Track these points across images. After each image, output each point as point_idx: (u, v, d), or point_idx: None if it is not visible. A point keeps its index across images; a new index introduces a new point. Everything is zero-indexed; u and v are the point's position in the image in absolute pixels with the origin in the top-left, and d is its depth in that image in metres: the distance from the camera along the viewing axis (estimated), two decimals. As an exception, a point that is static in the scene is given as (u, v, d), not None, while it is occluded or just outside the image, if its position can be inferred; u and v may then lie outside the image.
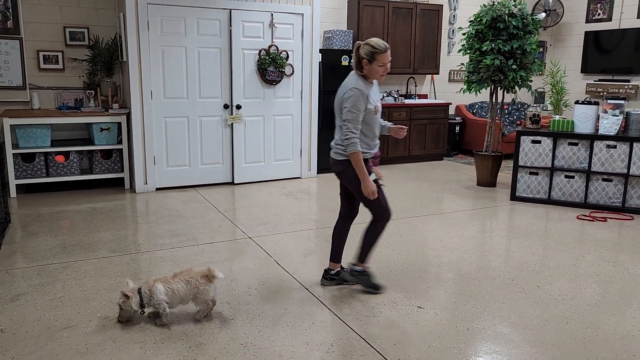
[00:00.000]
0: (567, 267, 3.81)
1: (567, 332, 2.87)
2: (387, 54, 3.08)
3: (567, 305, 3.19)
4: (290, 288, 3.43)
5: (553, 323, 2.97)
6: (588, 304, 3.23)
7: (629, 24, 8.02)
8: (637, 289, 3.46)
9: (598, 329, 2.91)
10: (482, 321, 2.99)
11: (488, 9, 5.86)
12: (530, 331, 2.88)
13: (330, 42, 7.10)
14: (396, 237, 4.46)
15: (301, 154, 6.68)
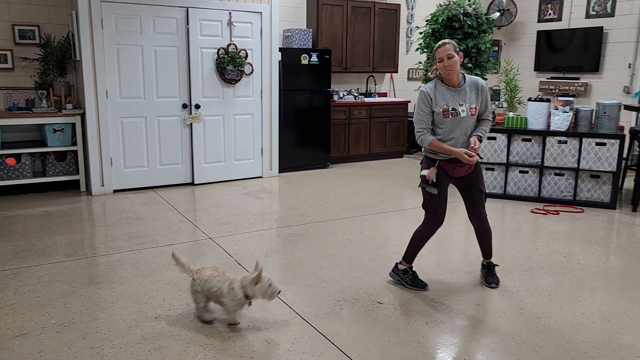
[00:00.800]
0: (522, 260, 3.93)
1: (521, 322, 2.96)
2: (443, 48, 3.13)
3: (521, 296, 3.30)
4: (251, 288, 3.41)
5: (508, 314, 3.06)
6: (541, 294, 3.34)
7: (578, 24, 8.33)
8: (587, 279, 3.60)
9: (550, 318, 3.01)
10: (440, 315, 3.05)
11: (444, 8, 5.98)
12: (486, 323, 2.96)
13: (289, 41, 7.09)
14: (357, 234, 4.50)
15: (262, 153, 6.65)
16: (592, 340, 2.76)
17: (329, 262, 3.86)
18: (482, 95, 3.25)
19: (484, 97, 3.26)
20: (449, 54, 3.11)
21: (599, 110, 5.30)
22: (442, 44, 3.15)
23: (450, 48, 3.12)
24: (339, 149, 7.59)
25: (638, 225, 4.83)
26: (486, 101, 3.27)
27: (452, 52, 3.12)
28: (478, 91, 3.23)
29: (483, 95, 3.25)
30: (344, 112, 7.53)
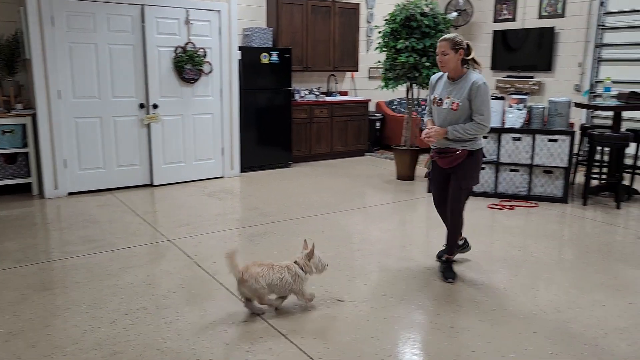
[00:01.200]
0: (479, 254, 4.02)
1: (476, 315, 3.03)
2: (440, 44, 3.32)
3: (477, 290, 3.37)
4: (211, 289, 3.37)
5: (464, 308, 3.12)
6: (496, 287, 3.42)
7: (531, 24, 8.57)
8: (540, 271, 3.71)
9: (504, 310, 3.09)
10: (399, 310, 3.09)
11: (401, 8, 6.05)
12: (443, 317, 3.01)
13: (249, 39, 7.04)
14: (318, 232, 4.51)
15: (223, 153, 6.58)
16: (544, 330, 2.85)
17: (289, 261, 3.85)
18: (472, 93, 3.28)
19: (474, 96, 3.28)
20: (443, 51, 3.29)
21: (550, 107, 5.47)
22: (442, 39, 3.32)
23: (446, 45, 3.27)
24: (301, 148, 7.58)
25: (588, 218, 5.01)
26: (479, 102, 3.28)
27: (448, 49, 3.27)
28: (470, 89, 3.28)
29: (473, 94, 3.28)
30: (306, 111, 7.54)
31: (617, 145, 5.36)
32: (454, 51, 3.27)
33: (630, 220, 4.98)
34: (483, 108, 3.29)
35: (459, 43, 3.30)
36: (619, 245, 4.27)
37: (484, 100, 3.29)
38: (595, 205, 5.47)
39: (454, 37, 3.32)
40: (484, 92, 3.29)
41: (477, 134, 3.33)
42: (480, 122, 3.29)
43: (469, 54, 3.35)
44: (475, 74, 3.36)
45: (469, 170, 3.44)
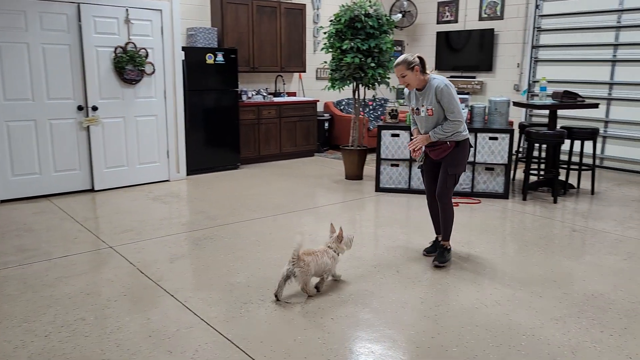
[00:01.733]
0: (420, 253, 4.08)
1: (421, 311, 3.08)
2: (395, 69, 3.63)
3: (422, 286, 3.43)
4: (154, 296, 3.28)
5: (409, 304, 3.17)
6: (440, 283, 3.50)
7: (472, 26, 8.84)
8: (483, 266, 3.82)
9: (448, 305, 3.16)
10: (345, 309, 3.10)
11: (346, 9, 6.09)
12: (389, 314, 3.04)
13: (193, 39, 6.91)
14: (265, 234, 4.47)
15: (168, 156, 6.43)
16: (485, 323, 2.93)
17: (236, 264, 3.80)
18: (438, 97, 3.59)
19: (440, 99, 3.58)
20: (401, 74, 3.60)
21: (490, 106, 5.65)
22: (395, 65, 3.63)
23: (402, 68, 3.58)
24: (250, 149, 7.51)
25: (528, 213, 5.20)
26: (447, 102, 3.57)
27: (404, 71, 3.57)
28: (435, 94, 3.59)
29: (439, 97, 3.58)
30: (253, 112, 7.47)
31: (553, 142, 5.59)
32: (411, 70, 3.57)
33: (567, 213, 5.20)
34: (451, 106, 3.59)
35: (412, 62, 3.57)
36: (556, 238, 4.45)
37: (450, 100, 3.58)
38: (535, 200, 5.69)
39: (405, 59, 3.58)
40: (447, 93, 3.57)
41: (455, 130, 3.64)
42: (453, 119, 3.60)
43: (425, 66, 3.64)
44: (436, 79, 3.64)
45: (456, 159, 3.74)
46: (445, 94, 3.56)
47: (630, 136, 7.15)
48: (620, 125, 7.26)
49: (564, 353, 2.64)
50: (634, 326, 2.91)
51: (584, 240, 4.39)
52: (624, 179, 6.80)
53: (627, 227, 4.73)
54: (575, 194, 6.00)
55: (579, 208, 5.40)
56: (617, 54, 7.20)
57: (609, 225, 4.79)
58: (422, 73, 3.61)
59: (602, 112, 7.36)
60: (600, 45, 7.34)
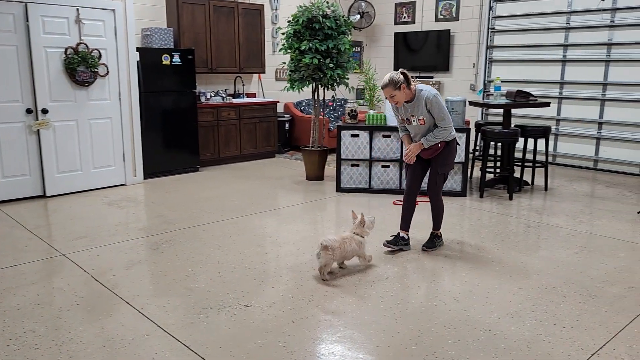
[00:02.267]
0: (382, 252, 4.11)
1: (381, 310, 3.10)
2: (384, 91, 3.79)
3: (382, 285, 3.45)
4: (109, 304, 3.18)
5: (369, 304, 3.18)
6: (400, 281, 3.52)
7: (429, 27, 8.98)
8: (441, 263, 3.87)
9: (407, 303, 3.19)
10: (306, 312, 3.08)
11: (304, 10, 6.08)
12: (349, 314, 3.05)
13: (149, 40, 6.76)
14: (226, 237, 4.41)
15: (124, 160, 6.26)
16: (444, 320, 2.97)
17: (195, 269, 3.73)
18: (428, 107, 3.79)
19: (430, 108, 3.79)
20: (390, 94, 3.77)
21: (447, 106, 5.74)
22: (383, 87, 3.78)
23: (389, 90, 3.74)
24: (209, 152, 7.41)
25: (485, 210, 5.31)
26: (437, 112, 3.79)
27: (392, 91, 3.74)
28: (425, 104, 3.80)
29: (429, 107, 3.79)
30: (212, 114, 7.37)
31: (508, 140, 5.74)
32: (398, 89, 3.75)
33: (522, 210, 5.34)
34: (441, 114, 3.82)
35: (398, 81, 3.73)
36: (511, 234, 4.57)
37: (439, 109, 3.80)
38: (491, 197, 5.82)
39: (391, 80, 3.73)
40: (436, 103, 3.79)
41: (446, 136, 3.88)
42: (444, 126, 3.85)
43: (409, 80, 3.79)
44: (424, 90, 3.81)
45: (446, 158, 3.97)
46: (434, 104, 3.78)
47: (580, 133, 7.41)
48: (571, 123, 7.52)
49: (519, 347, 2.70)
50: (585, 318, 3.01)
51: (538, 236, 4.51)
52: (575, 175, 7.04)
53: (579, 222, 4.90)
54: (530, 190, 6.17)
55: (534, 204, 5.56)
56: (566, 54, 7.45)
57: (561, 220, 4.94)
58: (408, 88, 3.78)
59: (554, 111, 7.60)
60: (551, 46, 7.58)
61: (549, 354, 2.63)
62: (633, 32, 6.81)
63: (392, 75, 3.74)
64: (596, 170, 7.32)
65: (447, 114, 3.86)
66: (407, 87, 3.77)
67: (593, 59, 7.17)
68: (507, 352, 2.65)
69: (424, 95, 3.79)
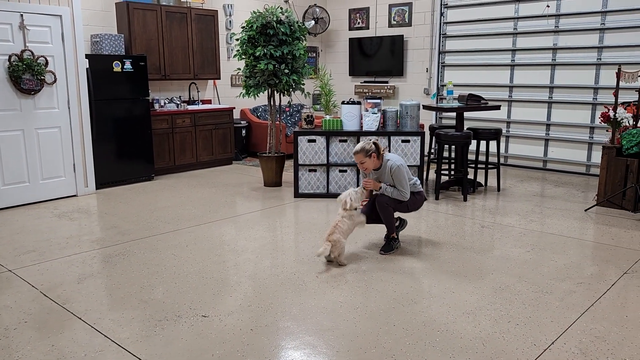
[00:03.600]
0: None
1: (340, 315, 3.10)
2: (355, 157, 4.03)
3: (341, 290, 3.46)
4: (59, 321, 3.06)
5: (328, 309, 3.18)
6: (359, 285, 3.54)
7: (383, 32, 9.12)
8: (399, 266, 3.91)
9: (366, 307, 3.21)
10: (265, 319, 3.05)
11: (258, 15, 6.06)
12: (308, 320, 3.04)
13: (99, 46, 6.58)
14: (182, 247, 4.33)
15: (75, 170, 6.06)
16: (402, 322, 3.00)
17: (150, 281, 3.64)
18: (392, 176, 4.02)
19: (393, 177, 4.02)
20: (360, 162, 4.00)
21: (402, 110, 5.84)
22: (355, 153, 4.00)
23: (361, 157, 3.97)
24: (164, 160, 7.26)
25: (440, 212, 5.42)
26: (398, 181, 4.02)
27: (363, 158, 3.97)
28: (390, 173, 4.02)
29: (393, 176, 4.02)
30: (167, 121, 7.23)
31: (461, 143, 5.88)
32: (369, 157, 3.97)
33: (476, 210, 5.48)
34: (401, 185, 4.03)
35: (369, 150, 3.96)
36: (466, 234, 4.67)
37: (401, 179, 4.02)
38: (447, 199, 5.95)
39: (362, 148, 3.96)
40: (399, 173, 4.00)
41: (397, 198, 4.05)
42: (401, 192, 4.05)
43: (380, 151, 4.01)
44: (390, 160, 4.01)
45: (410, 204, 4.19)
46: (397, 174, 4.00)
47: (530, 135, 7.68)
48: (521, 125, 7.78)
49: (475, 345, 2.75)
50: (537, 315, 3.10)
51: (492, 236, 4.63)
52: (526, 175, 7.28)
53: (530, 221, 5.06)
54: (484, 191, 6.34)
55: (487, 205, 5.70)
56: (515, 58, 7.71)
57: (513, 220, 5.09)
58: (377, 157, 4.00)
59: (505, 113, 7.84)
60: (500, 51, 7.82)
61: (504, 351, 2.69)
62: (576, 37, 7.11)
63: (364, 145, 3.99)
64: (545, 170, 7.59)
65: (407, 186, 4.05)
66: (377, 156, 4.00)
67: (540, 62, 7.45)
68: (464, 351, 2.70)
69: (389, 164, 4.02)
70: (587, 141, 7.17)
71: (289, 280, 3.63)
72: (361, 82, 9.49)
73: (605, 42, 6.88)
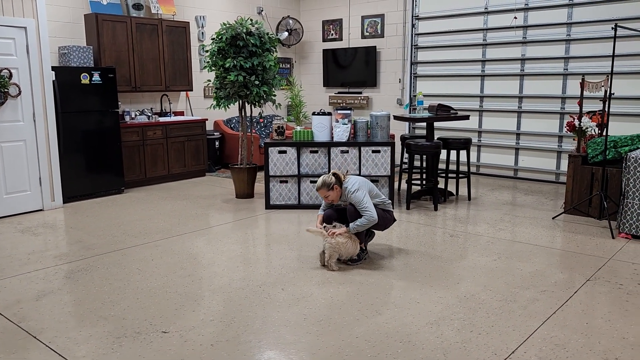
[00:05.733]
0: (309, 268, 4.10)
1: (303, 328, 3.07)
2: (319, 193, 4.12)
3: (305, 303, 3.42)
4: (13, 340, 2.97)
5: (292, 322, 3.14)
6: (324, 297, 3.51)
7: (356, 43, 9.18)
8: (367, 277, 3.89)
9: (330, 319, 3.18)
10: (227, 334, 3.00)
11: (227, 27, 6.05)
12: (270, 334, 2.99)
13: (67, 59, 6.49)
14: (148, 261, 4.25)
15: (41, 184, 5.94)
16: (364, 334, 2.98)
17: (112, 296, 3.56)
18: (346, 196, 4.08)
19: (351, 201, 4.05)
20: (325, 195, 4.11)
21: (372, 121, 5.86)
22: (317, 189, 4.10)
23: (323, 191, 4.07)
24: (135, 172, 7.17)
25: (412, 222, 5.43)
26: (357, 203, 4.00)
27: (326, 192, 4.08)
28: (348, 198, 4.06)
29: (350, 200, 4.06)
30: (137, 133, 7.15)
31: (431, 152, 5.91)
32: (332, 190, 4.07)
33: (446, 220, 5.50)
34: (363, 206, 3.99)
35: (330, 183, 4.06)
36: (435, 244, 4.68)
37: (360, 201, 3.99)
38: (418, 208, 5.97)
39: (323, 183, 4.06)
40: (355, 197, 4.01)
41: (369, 224, 4.01)
42: (368, 217, 3.98)
43: (341, 181, 4.09)
44: (348, 185, 4.06)
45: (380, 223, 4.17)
46: (354, 198, 4.01)
47: (500, 144, 7.77)
48: (492, 134, 7.87)
49: (436, 356, 2.74)
50: (499, 323, 3.11)
51: (460, 245, 4.65)
52: (497, 184, 7.36)
53: (499, 229, 5.10)
54: (455, 200, 6.38)
55: (458, 214, 5.74)
56: (485, 69, 7.82)
57: (482, 229, 5.12)
58: (340, 187, 4.08)
59: (476, 123, 7.93)
60: (470, 61, 7.93)
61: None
62: (543, 47, 7.25)
63: (325, 179, 4.07)
64: (516, 179, 7.68)
65: (370, 205, 4.01)
66: (339, 186, 4.07)
67: (509, 73, 7.57)
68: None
69: (346, 190, 4.07)
70: (556, 150, 7.28)
71: (254, 294, 3.58)
72: (335, 92, 9.53)
73: (571, 53, 7.03)
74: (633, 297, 3.50)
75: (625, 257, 4.29)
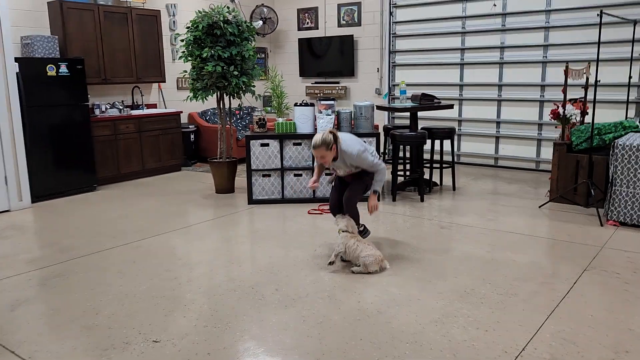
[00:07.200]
0: (303, 264, 3.95)
1: (304, 331, 2.92)
2: (315, 151, 3.79)
3: (303, 303, 3.27)
4: (-12, 357, 2.72)
5: (291, 325, 2.99)
6: (321, 297, 3.37)
7: (333, 32, 9.00)
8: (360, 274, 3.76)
9: (330, 320, 3.03)
10: (223, 341, 2.83)
11: (203, 15, 5.78)
12: (270, 339, 2.83)
13: (30, 49, 6.11)
14: (129, 263, 4.02)
15: (7, 183, 5.59)
16: (368, 335, 2.85)
17: (94, 303, 3.33)
18: (354, 162, 3.86)
19: (358, 162, 3.87)
20: (321, 156, 3.78)
21: (356, 111, 5.71)
22: (314, 148, 3.77)
23: (321, 150, 3.75)
24: (108, 168, 6.85)
25: (398, 214, 5.33)
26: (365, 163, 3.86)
27: (324, 152, 3.76)
28: (350, 160, 3.84)
29: (356, 162, 3.87)
30: (109, 128, 6.82)
31: (416, 143, 5.81)
32: (330, 150, 3.76)
33: (433, 211, 5.42)
34: (371, 162, 3.88)
35: (330, 142, 3.74)
36: (426, 236, 4.59)
37: (366, 159, 3.85)
38: (404, 200, 5.87)
39: (324, 141, 3.73)
40: (360, 157, 3.83)
41: (384, 176, 3.98)
42: (381, 170, 3.94)
43: (336, 138, 3.80)
44: (346, 148, 3.80)
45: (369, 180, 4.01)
46: (360, 158, 3.83)
47: (481, 133, 7.74)
48: (472, 123, 7.84)
49: (446, 356, 2.63)
50: (504, 319, 3.03)
51: (451, 237, 4.57)
52: (480, 173, 7.33)
53: (488, 220, 5.04)
54: (439, 190, 6.31)
55: (444, 204, 5.66)
56: (464, 57, 7.76)
57: (471, 219, 5.06)
58: (337, 147, 3.80)
59: (456, 112, 7.88)
60: (449, 50, 7.85)
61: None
62: (522, 35, 7.22)
63: (324, 137, 3.75)
64: (497, 167, 7.68)
65: (374, 157, 3.92)
66: (336, 146, 3.80)
67: (488, 61, 7.52)
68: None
69: (347, 151, 3.82)
70: (536, 137, 7.29)
71: (247, 295, 3.41)
72: (312, 82, 9.34)
73: (550, 40, 7.02)
74: (631, 286, 3.47)
75: (617, 244, 4.28)
